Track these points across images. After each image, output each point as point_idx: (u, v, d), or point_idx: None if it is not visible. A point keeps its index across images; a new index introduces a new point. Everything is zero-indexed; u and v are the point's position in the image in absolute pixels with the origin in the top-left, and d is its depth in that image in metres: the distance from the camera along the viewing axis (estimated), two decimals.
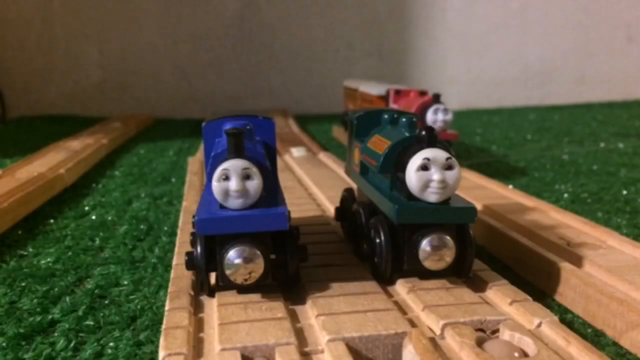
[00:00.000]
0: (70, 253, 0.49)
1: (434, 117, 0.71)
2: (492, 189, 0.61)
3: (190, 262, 0.33)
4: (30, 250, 0.50)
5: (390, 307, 0.32)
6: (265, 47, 1.60)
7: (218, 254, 0.32)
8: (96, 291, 0.41)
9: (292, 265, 0.34)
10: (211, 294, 0.34)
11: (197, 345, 0.29)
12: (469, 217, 0.34)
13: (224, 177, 0.31)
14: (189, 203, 0.57)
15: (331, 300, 0.33)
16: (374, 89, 0.88)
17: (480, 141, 1.08)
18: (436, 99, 0.72)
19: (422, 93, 0.77)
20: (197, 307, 0.33)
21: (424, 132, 0.34)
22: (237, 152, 0.31)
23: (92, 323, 0.36)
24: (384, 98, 0.83)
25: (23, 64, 1.56)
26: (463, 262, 0.35)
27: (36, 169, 0.71)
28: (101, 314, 0.37)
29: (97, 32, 1.55)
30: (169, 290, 0.35)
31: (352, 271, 0.37)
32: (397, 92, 0.80)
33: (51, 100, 1.58)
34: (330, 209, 0.53)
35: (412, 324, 0.31)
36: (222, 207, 0.32)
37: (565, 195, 0.66)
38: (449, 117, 0.71)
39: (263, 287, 0.33)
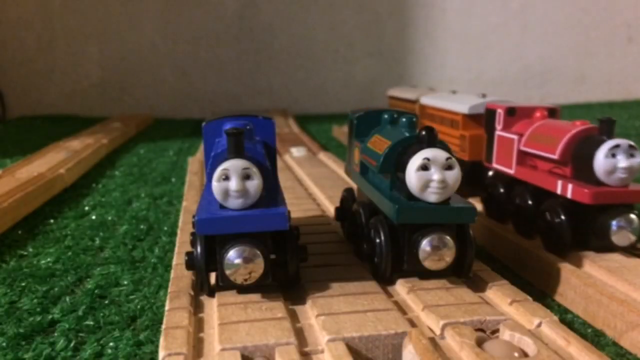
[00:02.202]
0: (70, 253, 0.49)
1: (611, 163, 0.39)
2: None
3: (190, 262, 0.33)
4: (30, 250, 0.50)
5: (390, 307, 0.32)
6: (265, 47, 1.60)
7: (218, 254, 0.32)
8: (96, 291, 0.41)
9: (292, 265, 0.33)
10: (211, 294, 0.34)
11: (197, 345, 0.29)
12: (469, 217, 0.34)
13: (224, 177, 0.31)
14: (189, 203, 0.57)
15: (331, 300, 0.33)
16: (456, 104, 0.59)
17: None
18: (607, 128, 0.41)
19: (552, 111, 0.49)
20: (197, 307, 0.33)
21: (423, 132, 0.34)
22: (237, 152, 0.32)
23: (92, 323, 0.36)
24: (478, 118, 0.55)
25: (23, 64, 1.56)
26: (463, 262, 0.35)
27: (36, 169, 0.71)
28: (101, 314, 0.37)
29: (97, 32, 1.55)
30: (169, 290, 0.35)
31: (352, 271, 0.37)
32: (511, 111, 0.49)
33: (51, 100, 1.58)
34: (330, 209, 0.53)
35: (412, 324, 0.31)
36: (222, 207, 0.32)
37: None
38: (638, 160, 0.40)
39: (263, 287, 0.33)
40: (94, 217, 0.60)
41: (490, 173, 0.53)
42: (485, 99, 0.57)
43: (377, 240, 0.35)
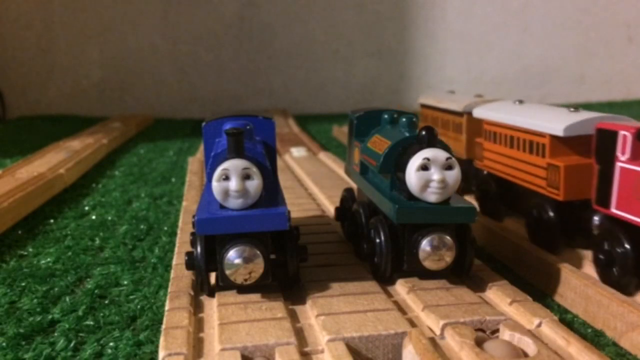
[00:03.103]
0: (70, 253, 0.49)
1: None
2: None
3: (190, 262, 0.33)
4: (30, 250, 0.50)
5: (390, 307, 0.32)
6: (265, 47, 1.60)
7: (218, 254, 0.32)
8: (96, 291, 0.41)
9: (292, 265, 0.34)
10: (211, 294, 0.34)
11: (197, 345, 0.29)
12: (469, 216, 0.34)
13: (224, 177, 0.31)
14: (189, 203, 0.57)
15: (331, 300, 0.33)
16: (541, 122, 0.43)
17: None
18: None
19: None
20: (197, 307, 0.33)
21: (424, 132, 0.34)
22: (237, 152, 0.32)
23: (92, 323, 0.36)
24: (575, 141, 0.41)
25: (23, 64, 1.56)
26: (463, 261, 0.35)
27: (36, 169, 0.71)
28: (101, 314, 0.37)
29: (97, 32, 1.55)
30: (169, 290, 0.35)
31: (352, 271, 0.37)
32: None
33: (51, 100, 1.58)
34: (330, 209, 0.53)
35: (412, 324, 0.31)
36: (222, 207, 0.32)
37: None
38: None
39: (263, 287, 0.33)
40: (94, 217, 0.60)
41: (597, 218, 0.40)
42: (586, 114, 0.41)
43: (377, 240, 0.35)
